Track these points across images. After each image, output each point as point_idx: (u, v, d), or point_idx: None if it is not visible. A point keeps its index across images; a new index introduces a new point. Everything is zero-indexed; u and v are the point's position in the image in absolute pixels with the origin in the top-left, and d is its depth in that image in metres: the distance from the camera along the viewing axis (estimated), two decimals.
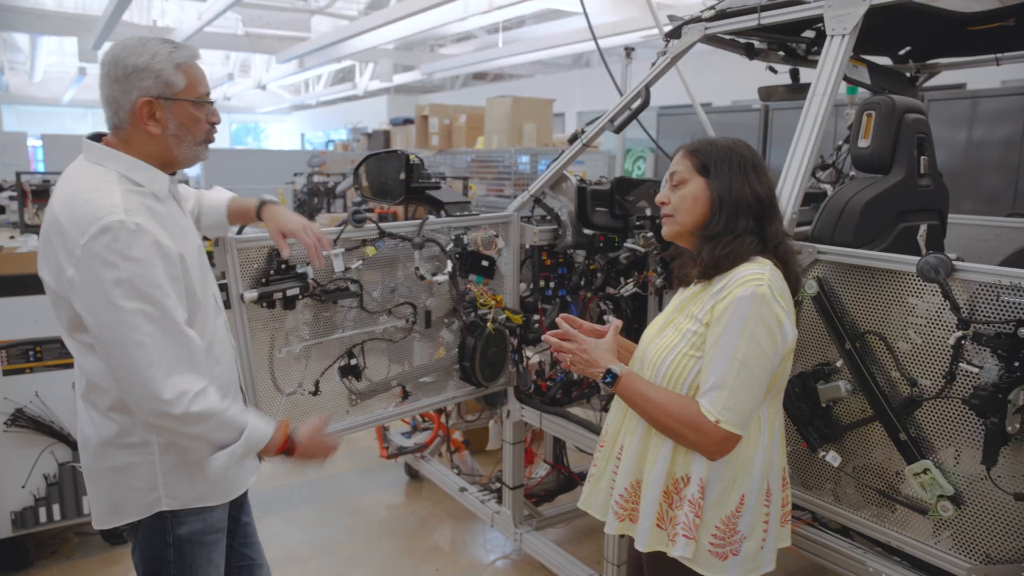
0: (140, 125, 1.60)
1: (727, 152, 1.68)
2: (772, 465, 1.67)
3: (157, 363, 1.49)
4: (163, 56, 1.58)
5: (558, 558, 3.01)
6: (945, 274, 1.64)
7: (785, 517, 1.76)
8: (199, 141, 1.68)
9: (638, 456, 1.72)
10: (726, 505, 1.63)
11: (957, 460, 1.74)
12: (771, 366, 1.58)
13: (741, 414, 1.56)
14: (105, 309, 1.48)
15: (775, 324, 1.56)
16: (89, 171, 1.60)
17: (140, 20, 12.27)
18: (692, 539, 1.62)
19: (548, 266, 2.98)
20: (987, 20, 2.55)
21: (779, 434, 1.71)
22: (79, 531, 3.48)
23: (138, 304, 1.48)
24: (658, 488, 1.67)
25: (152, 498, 1.67)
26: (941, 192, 2.21)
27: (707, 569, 1.64)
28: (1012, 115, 5.27)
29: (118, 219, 1.48)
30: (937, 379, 1.72)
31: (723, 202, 1.65)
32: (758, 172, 1.68)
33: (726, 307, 1.58)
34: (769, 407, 1.67)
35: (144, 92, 1.57)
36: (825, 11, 2.08)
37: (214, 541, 1.79)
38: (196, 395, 1.53)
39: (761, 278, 1.57)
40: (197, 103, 1.64)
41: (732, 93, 9.73)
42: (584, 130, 2.80)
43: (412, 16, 9.36)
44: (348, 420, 2.59)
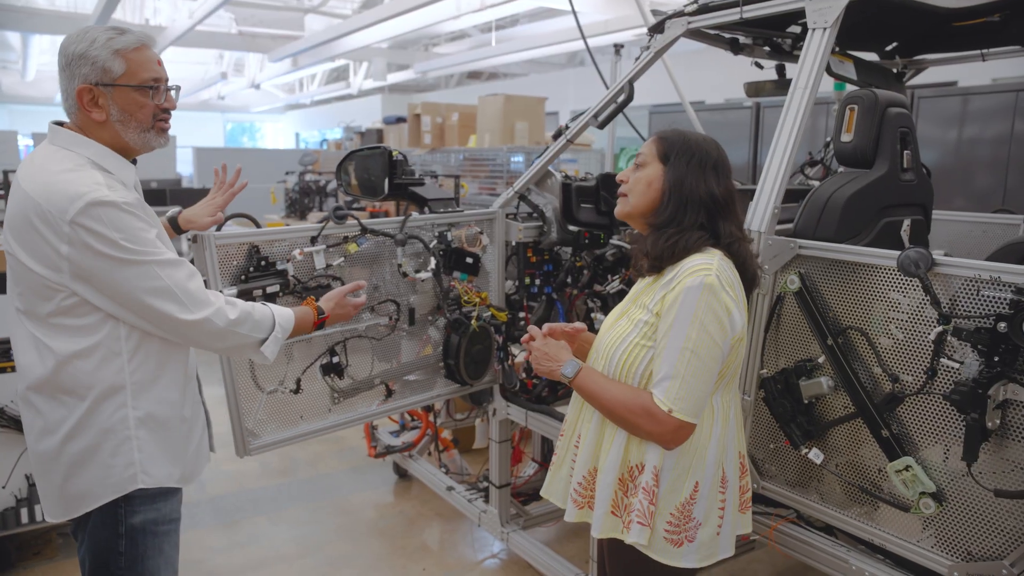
0: (85, 112, 1.63)
1: (692, 146, 1.69)
2: (728, 452, 1.69)
3: (184, 301, 1.61)
4: (101, 43, 1.60)
5: (545, 557, 2.99)
6: (925, 268, 1.62)
7: (744, 504, 1.78)
8: (145, 127, 1.68)
9: (594, 444, 1.75)
10: (680, 492, 1.65)
11: (945, 456, 1.72)
12: (721, 354, 1.59)
13: (694, 403, 1.58)
14: (114, 274, 1.54)
15: (724, 313, 1.58)
16: (59, 155, 1.61)
17: (133, 19, 12.21)
18: (647, 526, 1.64)
19: (534, 263, 2.96)
20: (972, 15, 2.54)
21: (734, 422, 1.72)
22: (62, 532, 3.45)
23: (142, 257, 1.56)
24: (612, 475, 1.69)
25: (128, 475, 1.67)
26: (925, 187, 2.20)
27: (662, 556, 1.66)
28: (1002, 112, 5.27)
29: (103, 195, 1.52)
30: (919, 375, 1.70)
31: (672, 192, 1.67)
32: (718, 172, 1.68)
33: (675, 297, 1.59)
34: (723, 395, 1.69)
35: (83, 79, 1.60)
36: (807, 4, 2.06)
37: (167, 532, 1.79)
38: (224, 307, 1.68)
39: (709, 268, 1.59)
40: (139, 88, 1.63)
41: (725, 91, 9.72)
42: (568, 126, 2.78)
43: (405, 14, 9.34)
44: (330, 418, 2.57)
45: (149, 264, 1.57)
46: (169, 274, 1.59)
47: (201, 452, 1.88)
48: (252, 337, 1.75)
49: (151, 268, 1.57)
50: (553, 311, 3.03)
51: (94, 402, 1.64)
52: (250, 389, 2.36)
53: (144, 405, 1.68)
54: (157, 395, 1.71)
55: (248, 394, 2.36)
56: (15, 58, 17.34)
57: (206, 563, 3.35)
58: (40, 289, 1.58)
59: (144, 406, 1.68)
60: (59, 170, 1.56)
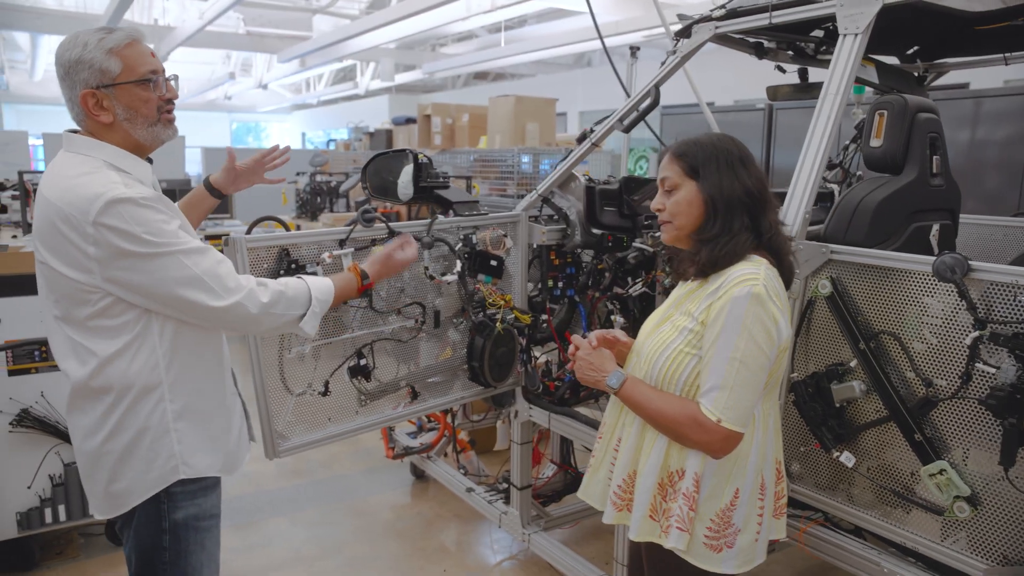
0: (92, 117, 1.64)
1: (712, 151, 1.68)
2: (767, 459, 1.70)
3: (215, 288, 1.62)
4: (93, 45, 1.61)
5: (567, 559, 3.00)
6: (961, 274, 1.63)
7: (779, 510, 1.79)
8: (152, 121, 1.69)
9: (634, 448, 1.76)
10: (721, 499, 1.66)
11: (965, 460, 1.73)
12: (768, 364, 1.60)
13: (742, 412, 1.58)
14: (142, 268, 1.55)
15: (771, 323, 1.58)
16: (75, 160, 1.63)
17: (141, 19, 12.25)
18: (686, 531, 1.65)
19: (556, 266, 2.97)
20: (994, 19, 2.54)
21: (773, 429, 1.73)
22: (84, 532, 3.48)
23: (166, 249, 1.56)
24: (652, 479, 1.70)
25: (169, 467, 1.70)
26: (953, 192, 2.21)
27: (702, 561, 1.67)
28: (1015, 115, 5.26)
29: (120, 192, 1.53)
30: (953, 379, 1.71)
31: (716, 203, 1.66)
32: (746, 165, 1.68)
33: (723, 307, 1.59)
34: (763, 403, 1.69)
35: (84, 84, 1.61)
36: (837, 10, 2.07)
37: (208, 527, 1.82)
38: (256, 289, 1.68)
39: (756, 277, 1.59)
40: (139, 83, 1.64)
41: (735, 92, 9.73)
42: (593, 129, 2.79)
43: (415, 16, 9.35)
44: (358, 420, 2.58)
45: (175, 254, 1.58)
46: (196, 262, 1.60)
47: (242, 441, 1.90)
48: (289, 315, 1.76)
49: (177, 258, 1.58)
50: (575, 313, 3.05)
51: (133, 399, 1.66)
52: (279, 391, 2.38)
53: (181, 398, 1.71)
54: (194, 386, 1.74)
55: (277, 396, 2.37)
56: (23, 58, 17.41)
57: (227, 564, 3.36)
58: (75, 293, 1.60)
59: (181, 399, 1.71)
60: (75, 174, 1.59)
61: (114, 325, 1.62)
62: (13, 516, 3.08)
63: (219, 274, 1.63)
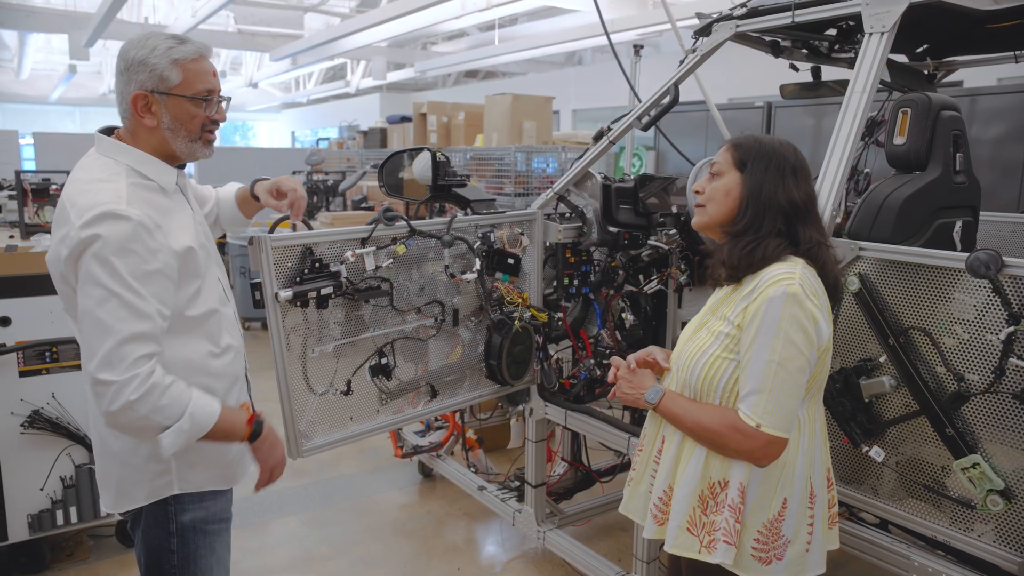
0: (137, 118, 1.64)
1: (768, 151, 1.67)
2: (815, 466, 1.66)
3: (107, 353, 1.49)
4: (161, 51, 1.61)
5: (583, 555, 3.01)
6: (996, 270, 1.65)
7: (832, 519, 1.75)
8: (194, 137, 1.69)
9: (674, 460, 1.72)
10: (768, 509, 1.61)
11: (1002, 455, 1.75)
12: (808, 365, 1.56)
13: (783, 416, 1.54)
14: (87, 285, 1.51)
15: (809, 322, 1.55)
16: (100, 163, 1.64)
17: (131, 17, 12.13)
18: (733, 545, 1.60)
19: (572, 264, 2.97)
20: (1008, 17, 2.57)
21: (820, 434, 1.70)
22: (93, 533, 3.46)
23: (117, 289, 1.50)
24: (688, 490, 1.66)
25: (164, 481, 1.69)
26: (975, 189, 2.23)
27: (751, 574, 1.62)
28: (1009, 112, 5.32)
29: (117, 208, 1.52)
30: (985, 374, 1.73)
31: (751, 200, 1.65)
32: (798, 176, 1.66)
33: (758, 308, 1.56)
34: (808, 407, 1.65)
35: (140, 85, 1.62)
36: (863, 9, 2.09)
37: (217, 531, 1.81)
38: (143, 379, 1.51)
39: (792, 276, 1.56)
40: (192, 99, 1.65)
41: (729, 91, 9.77)
42: (610, 127, 2.80)
43: (409, 14, 9.33)
44: (379, 419, 2.58)
45: (118, 298, 1.50)
46: (121, 318, 1.50)
47: (247, 453, 1.83)
48: (150, 421, 1.54)
49: (114, 303, 1.50)
50: (590, 311, 3.05)
51: None
52: (302, 391, 2.37)
53: None
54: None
55: (300, 396, 2.37)
56: (10, 56, 17.20)
57: (238, 565, 3.34)
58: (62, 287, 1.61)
59: None
60: (90, 178, 1.59)
61: None
62: (25, 518, 3.05)
63: (122, 350, 1.50)
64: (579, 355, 3.05)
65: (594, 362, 3.00)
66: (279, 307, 2.23)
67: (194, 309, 1.67)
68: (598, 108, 13.27)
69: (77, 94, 21.44)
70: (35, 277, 3.03)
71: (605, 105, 12.49)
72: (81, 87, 20.80)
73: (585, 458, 3.60)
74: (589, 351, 3.02)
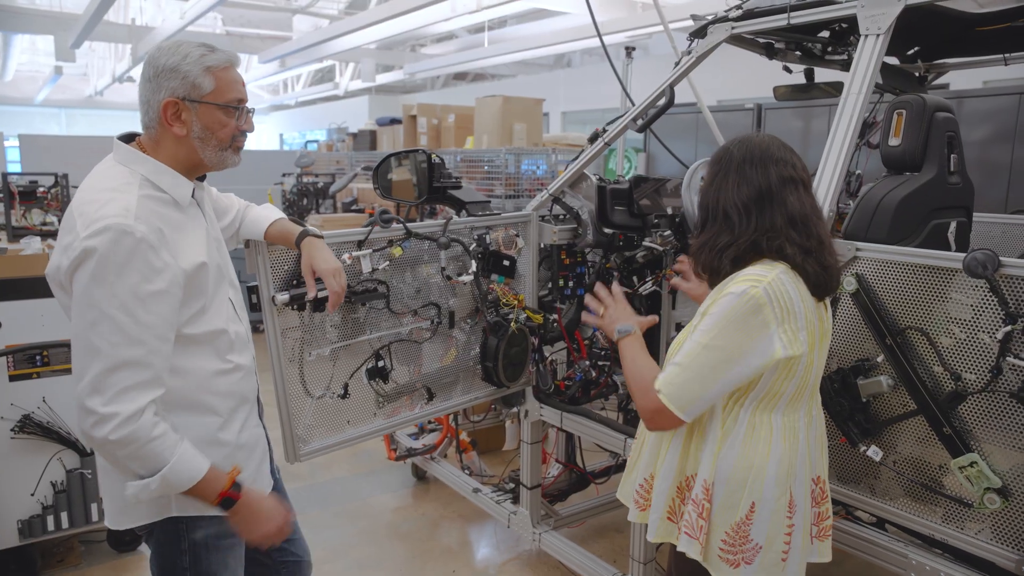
0: (166, 126, 1.61)
1: (718, 157, 1.71)
2: (795, 476, 1.65)
3: (101, 382, 1.45)
4: (194, 59, 1.59)
5: (579, 557, 3.01)
6: (992, 270, 1.66)
7: (823, 532, 1.76)
8: (224, 146, 1.67)
9: (654, 451, 1.79)
10: (736, 511, 1.64)
11: (999, 454, 1.76)
12: (738, 365, 1.56)
13: (684, 395, 1.59)
14: (81, 303, 1.47)
15: (759, 327, 1.55)
16: (114, 171, 1.60)
17: (117, 19, 12.06)
18: (695, 539, 1.66)
19: (567, 265, 2.98)
20: (998, 20, 2.60)
21: (805, 444, 1.69)
22: (85, 539, 3.42)
23: (111, 311, 1.45)
24: (668, 482, 1.73)
25: (163, 503, 1.65)
26: (968, 190, 2.25)
27: (718, 573, 1.67)
28: (995, 115, 5.39)
29: (124, 223, 1.47)
30: (982, 373, 1.74)
31: (702, 210, 1.72)
32: (744, 171, 1.64)
33: (717, 299, 1.62)
34: (784, 415, 1.66)
35: (170, 93, 1.59)
36: (859, 11, 2.10)
37: (230, 546, 1.76)
38: (126, 420, 1.46)
39: (761, 280, 1.56)
40: (224, 107, 1.63)
41: (719, 93, 9.82)
42: (606, 129, 2.80)
43: (398, 16, 9.32)
44: (376, 423, 2.57)
45: (111, 320, 1.45)
46: (113, 343, 1.45)
47: (259, 479, 1.80)
48: (126, 465, 1.51)
49: (106, 324, 1.45)
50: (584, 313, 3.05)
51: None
52: (299, 395, 2.36)
53: (180, 430, 1.58)
54: (196, 420, 1.65)
55: (297, 400, 2.36)
56: None
57: None
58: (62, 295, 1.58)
59: (180, 431, 1.59)
60: (102, 187, 1.55)
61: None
62: (15, 524, 3.02)
63: (114, 377, 1.45)
64: (574, 356, 3.05)
65: (589, 363, 3.00)
66: (276, 310, 2.22)
67: (195, 328, 1.61)
68: (587, 110, 13.31)
69: (63, 96, 21.30)
70: (25, 280, 3.00)
71: (595, 107, 12.53)
72: (67, 89, 20.66)
73: (580, 460, 3.61)
74: (584, 352, 3.02)
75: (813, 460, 1.72)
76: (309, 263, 1.98)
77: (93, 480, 3.14)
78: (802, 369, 1.63)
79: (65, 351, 3.06)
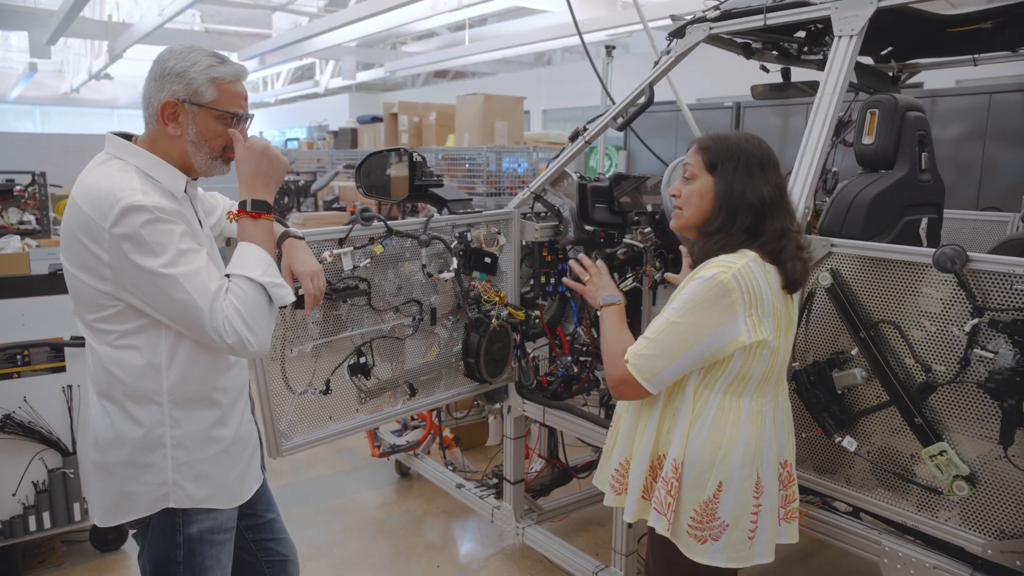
0: (162, 124, 1.63)
1: (735, 151, 1.74)
2: (764, 459, 1.74)
3: (207, 311, 1.54)
4: (202, 68, 1.62)
5: (562, 550, 3.04)
6: (961, 264, 1.72)
7: (790, 514, 1.84)
8: (215, 155, 1.69)
9: (629, 435, 1.86)
10: (703, 490, 1.72)
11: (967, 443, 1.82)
12: (703, 343, 1.65)
13: (649, 366, 1.68)
14: (147, 283, 1.53)
15: (724, 310, 1.64)
16: (109, 164, 1.63)
17: (93, 15, 11.93)
18: (663, 515, 1.74)
19: (548, 262, 3.01)
20: (967, 22, 2.66)
21: (773, 429, 1.77)
22: (67, 539, 3.40)
23: (171, 269, 1.52)
24: (643, 465, 1.80)
25: (160, 494, 1.68)
26: (939, 187, 2.31)
27: (686, 549, 1.76)
28: (967, 113, 5.48)
29: (137, 200, 1.51)
30: (951, 365, 1.79)
31: (724, 201, 1.73)
32: (766, 170, 1.72)
33: (690, 281, 1.70)
34: (752, 400, 1.74)
35: (171, 94, 1.62)
36: (833, 13, 2.15)
37: (223, 541, 1.79)
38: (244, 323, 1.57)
39: (731, 266, 1.65)
40: (221, 117, 1.65)
41: (698, 91, 9.90)
42: (586, 128, 2.83)
43: (379, 14, 9.30)
44: (358, 418, 2.59)
45: (171, 277, 1.53)
46: (185, 289, 1.54)
47: (250, 473, 1.84)
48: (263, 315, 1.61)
49: (170, 281, 1.53)
50: (567, 309, 3.09)
51: (134, 413, 1.64)
52: (281, 391, 2.37)
53: (184, 423, 1.66)
54: (199, 414, 1.69)
55: (280, 396, 2.37)
56: None
57: None
58: (91, 297, 1.59)
59: (184, 424, 1.66)
60: (102, 176, 1.58)
61: (117, 330, 1.61)
62: None
63: (215, 307, 1.55)
64: (556, 352, 3.08)
65: (571, 359, 3.04)
66: None
67: None
68: (568, 108, 13.36)
69: (38, 93, 21.01)
70: (5, 279, 2.99)
71: (575, 105, 12.58)
72: (42, 86, 20.37)
73: (562, 454, 3.64)
74: (566, 348, 3.06)
75: (780, 444, 1.81)
76: (287, 266, 2.00)
77: (75, 480, 3.13)
78: (768, 355, 1.71)
79: (46, 351, 3.05)
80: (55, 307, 3.05)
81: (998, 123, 5.16)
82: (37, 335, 3.02)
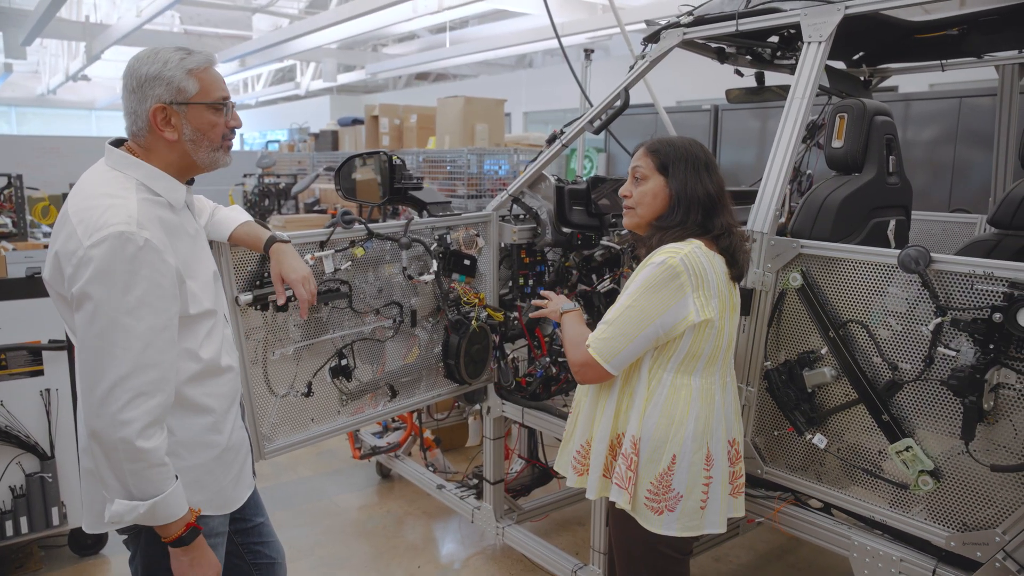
0: (157, 132, 1.61)
1: (683, 153, 1.90)
2: (714, 434, 1.88)
3: (123, 381, 1.46)
4: (174, 63, 1.60)
5: (542, 549, 3.07)
6: (924, 265, 1.77)
7: (737, 489, 1.96)
8: (216, 146, 1.68)
9: (589, 417, 1.99)
10: (659, 463, 1.85)
11: (931, 439, 1.87)
12: (653, 323, 1.79)
13: (608, 347, 1.81)
14: (89, 311, 1.46)
15: (673, 292, 1.77)
16: (109, 176, 1.60)
17: (70, 15, 11.82)
18: (625, 489, 1.86)
19: (527, 264, 3.04)
20: (934, 28, 2.73)
21: (721, 406, 1.90)
22: (45, 544, 3.39)
23: (125, 319, 1.46)
24: (604, 444, 1.93)
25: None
26: (906, 189, 2.36)
27: (643, 520, 1.88)
28: (940, 116, 5.59)
29: (129, 231, 1.47)
30: (916, 363, 1.85)
31: (680, 198, 1.87)
32: (710, 171, 1.90)
33: (642, 269, 1.84)
34: (703, 378, 1.88)
35: (157, 99, 1.59)
36: (802, 19, 2.20)
37: (214, 545, 1.77)
38: (145, 428, 1.48)
39: (678, 252, 1.79)
40: (212, 106, 1.64)
41: (676, 94, 9.99)
42: (563, 131, 2.87)
43: (360, 16, 9.30)
44: (339, 420, 2.60)
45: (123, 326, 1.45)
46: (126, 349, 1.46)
47: (242, 480, 1.83)
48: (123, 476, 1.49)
49: (120, 331, 1.45)
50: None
51: None
52: (264, 394, 2.38)
53: (177, 431, 1.63)
54: (192, 420, 1.67)
55: (262, 398, 2.38)
56: None
57: None
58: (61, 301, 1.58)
59: (177, 432, 1.64)
60: (102, 193, 1.55)
61: None
62: None
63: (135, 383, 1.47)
64: (535, 354, 3.11)
65: (550, 360, 3.07)
66: (239, 310, 2.24)
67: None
68: (549, 110, 13.41)
69: (13, 94, 20.76)
70: None
71: (556, 107, 12.63)
72: (17, 87, 20.14)
73: (542, 455, 3.67)
74: (545, 349, 3.09)
75: (728, 422, 1.93)
76: (278, 272, 2.01)
77: (54, 484, 3.12)
78: (715, 335, 1.86)
79: (23, 355, 3.04)
80: (33, 310, 3.04)
81: (969, 126, 5.27)
82: (15, 339, 3.01)
